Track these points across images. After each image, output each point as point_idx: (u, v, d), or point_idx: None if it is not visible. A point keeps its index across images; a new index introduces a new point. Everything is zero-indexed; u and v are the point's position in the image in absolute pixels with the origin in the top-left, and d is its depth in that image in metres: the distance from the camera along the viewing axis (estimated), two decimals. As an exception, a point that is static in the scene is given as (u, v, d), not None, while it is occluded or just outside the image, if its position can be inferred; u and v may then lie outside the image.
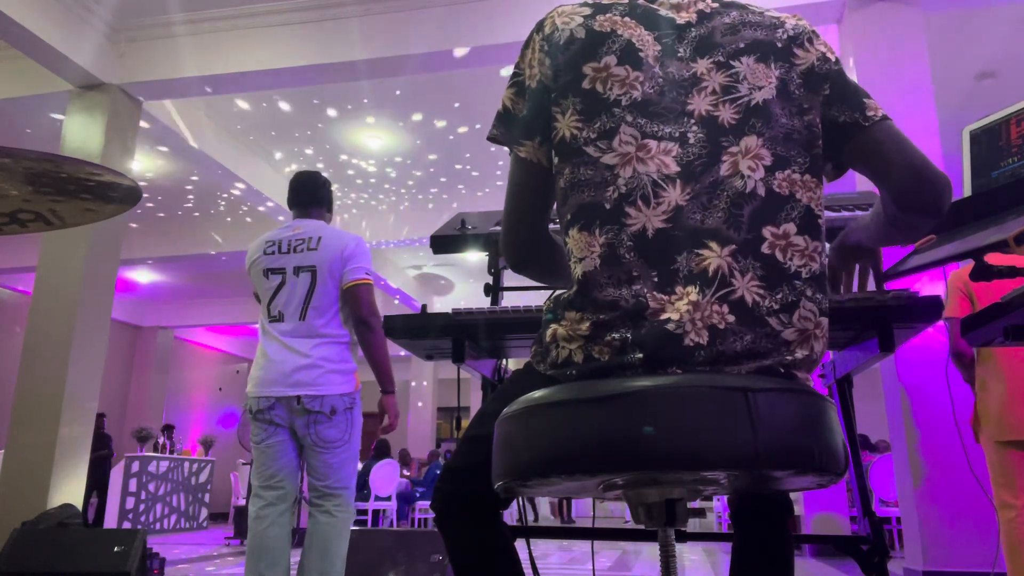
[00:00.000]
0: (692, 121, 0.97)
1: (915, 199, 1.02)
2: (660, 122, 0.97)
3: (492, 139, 1.10)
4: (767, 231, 0.94)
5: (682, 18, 1.03)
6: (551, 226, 1.16)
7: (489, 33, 5.11)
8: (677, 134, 0.96)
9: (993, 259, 1.26)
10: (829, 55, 1.04)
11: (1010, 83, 6.00)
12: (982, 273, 1.22)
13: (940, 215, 1.04)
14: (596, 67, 0.99)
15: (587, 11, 1.04)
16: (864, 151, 1.03)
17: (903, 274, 1.37)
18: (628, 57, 0.99)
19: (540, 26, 1.06)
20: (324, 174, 2.80)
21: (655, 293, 0.91)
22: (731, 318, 0.90)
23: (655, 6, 1.05)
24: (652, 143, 0.96)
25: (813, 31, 1.06)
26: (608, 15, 1.03)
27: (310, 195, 2.68)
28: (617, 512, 13.48)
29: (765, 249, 0.94)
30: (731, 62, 0.99)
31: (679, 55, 1.01)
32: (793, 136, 0.98)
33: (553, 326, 0.99)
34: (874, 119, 1.03)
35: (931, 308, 1.49)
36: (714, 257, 0.92)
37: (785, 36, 1.03)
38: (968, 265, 2.84)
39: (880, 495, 6.80)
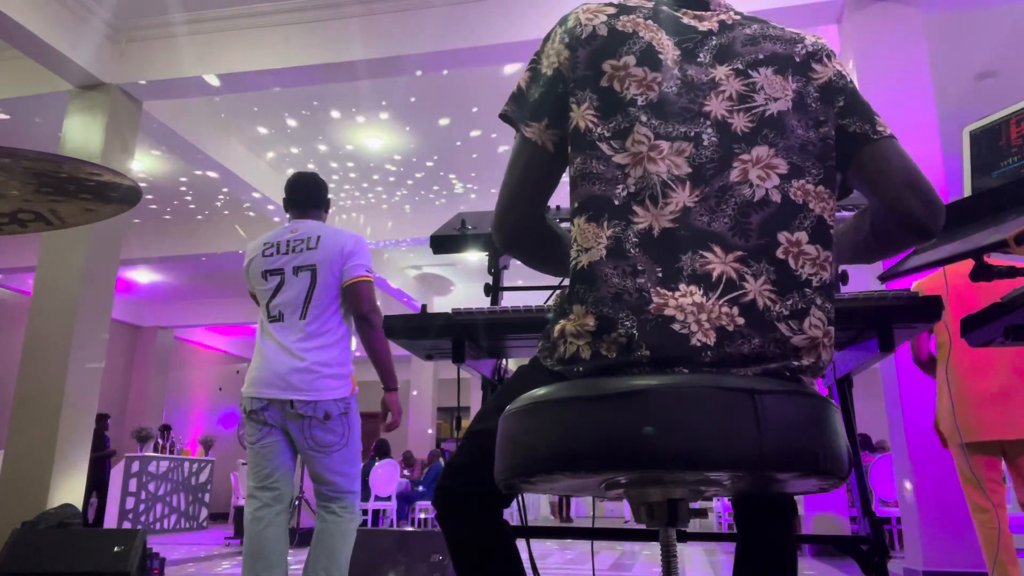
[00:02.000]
0: (707, 123, 0.98)
1: (915, 219, 1.04)
2: (675, 122, 0.98)
3: (503, 116, 1.11)
4: (782, 236, 0.95)
5: (703, 27, 1.06)
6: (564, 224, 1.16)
7: (490, 33, 5.11)
8: (692, 134, 0.98)
9: (993, 259, 1.26)
10: (844, 73, 1.08)
11: (1010, 83, 6.00)
12: (982, 273, 1.22)
13: (933, 237, 1.07)
14: (615, 65, 1.00)
15: (612, 10, 1.06)
16: (870, 164, 1.05)
17: (903, 274, 1.37)
18: (647, 58, 1.01)
19: (564, 20, 1.08)
20: (324, 174, 2.79)
21: (658, 288, 0.92)
22: (740, 320, 0.91)
23: (678, 13, 1.07)
24: (664, 144, 0.97)
25: (831, 50, 1.09)
26: (631, 16, 1.05)
27: (307, 196, 2.68)
28: (616, 512, 13.48)
29: (779, 254, 0.95)
30: (749, 71, 1.01)
31: (699, 60, 1.02)
32: (808, 148, 1.00)
33: (562, 322, 0.99)
34: (883, 134, 1.05)
35: (931, 308, 1.49)
36: (717, 263, 0.93)
37: (804, 52, 1.05)
38: (935, 271, 2.95)
39: (880, 495, 6.80)
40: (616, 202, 0.96)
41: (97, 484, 8.98)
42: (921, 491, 3.81)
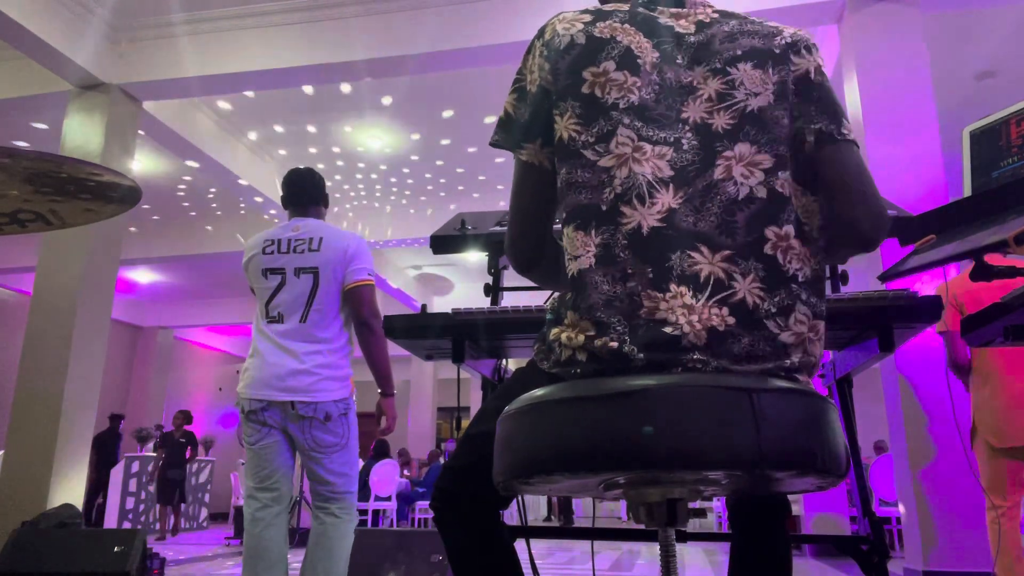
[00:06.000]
0: (686, 128, 0.98)
1: (859, 229, 1.02)
2: (655, 127, 0.98)
3: (494, 144, 1.11)
4: (770, 231, 0.95)
5: (681, 26, 1.05)
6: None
7: (489, 33, 5.11)
8: (671, 139, 0.98)
9: (993, 259, 1.26)
10: (823, 68, 1.07)
11: (1010, 83, 6.00)
12: (982, 273, 1.22)
13: (870, 249, 1.05)
14: (595, 72, 1.00)
15: (588, 18, 1.06)
16: (827, 164, 1.03)
17: (903, 274, 1.37)
18: (627, 63, 1.00)
19: (541, 32, 1.08)
20: (324, 173, 2.77)
21: (649, 291, 0.92)
22: (731, 320, 0.91)
23: (655, 14, 1.06)
24: (647, 146, 0.97)
25: (814, 43, 1.08)
26: (608, 22, 1.04)
27: (307, 193, 2.65)
28: (609, 512, 13.47)
29: (768, 250, 0.94)
30: (728, 68, 1.01)
31: (677, 62, 1.02)
32: (787, 141, 1.00)
33: (557, 327, 0.99)
34: (847, 136, 1.04)
35: (931, 308, 1.49)
36: (705, 264, 0.93)
37: (783, 43, 1.05)
38: (955, 276, 2.94)
39: (880, 495, 6.80)
40: (603, 207, 0.96)
41: (104, 483, 8.99)
42: (921, 492, 3.81)
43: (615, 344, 0.90)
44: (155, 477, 9.05)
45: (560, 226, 1.02)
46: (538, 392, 0.90)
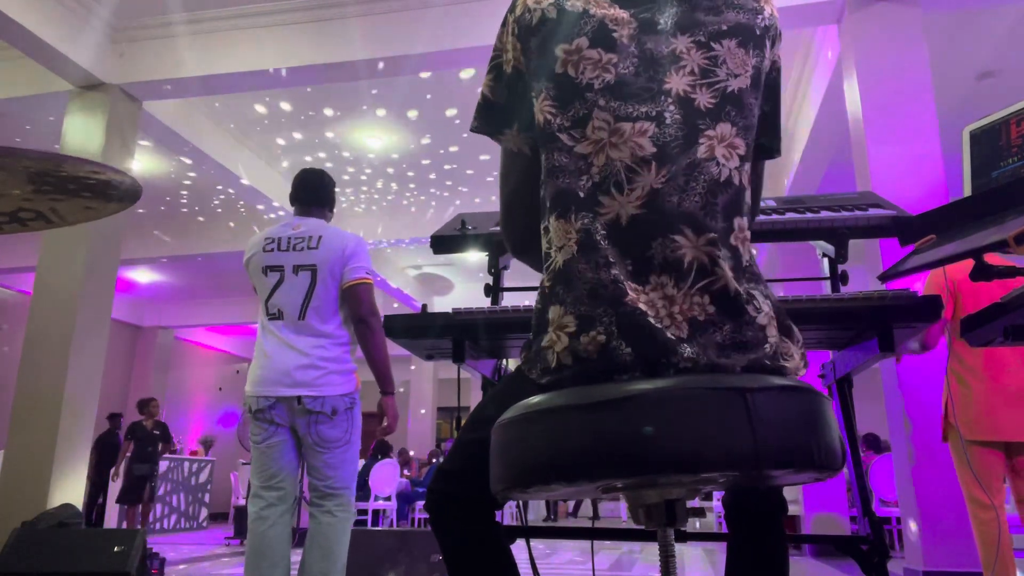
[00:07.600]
0: (669, 100, 0.94)
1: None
2: (636, 102, 0.94)
3: (474, 130, 1.08)
4: (736, 222, 0.94)
5: None
6: None
7: (490, 33, 5.11)
8: (654, 113, 0.93)
9: (993, 259, 1.26)
10: (780, 66, 1.07)
11: (1010, 83, 6.00)
12: (982, 273, 1.22)
13: None
14: (568, 49, 0.96)
15: None
16: (754, 175, 1.05)
17: (903, 274, 1.37)
18: (601, 39, 0.96)
19: (512, 6, 1.03)
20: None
21: (630, 283, 0.90)
22: (711, 308, 0.89)
23: None
24: (626, 126, 0.93)
25: (780, 31, 1.06)
26: None
27: (313, 194, 2.67)
28: (612, 513, 13.47)
29: (733, 241, 0.93)
30: (712, 43, 0.97)
31: (658, 29, 0.97)
32: (754, 130, 0.99)
33: (541, 335, 0.96)
34: (779, 152, 1.09)
35: (931, 308, 1.49)
36: (688, 247, 0.90)
37: (763, 24, 1.01)
38: (955, 264, 2.94)
39: (880, 495, 6.80)
40: (582, 194, 0.93)
41: (104, 484, 8.94)
42: (921, 491, 3.81)
43: (602, 338, 0.88)
44: (120, 472, 8.03)
45: (545, 215, 0.99)
46: (533, 400, 0.89)
